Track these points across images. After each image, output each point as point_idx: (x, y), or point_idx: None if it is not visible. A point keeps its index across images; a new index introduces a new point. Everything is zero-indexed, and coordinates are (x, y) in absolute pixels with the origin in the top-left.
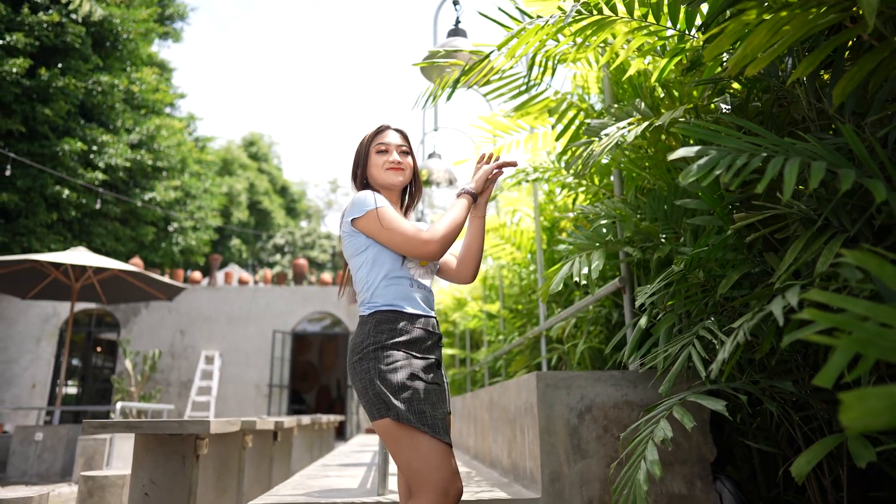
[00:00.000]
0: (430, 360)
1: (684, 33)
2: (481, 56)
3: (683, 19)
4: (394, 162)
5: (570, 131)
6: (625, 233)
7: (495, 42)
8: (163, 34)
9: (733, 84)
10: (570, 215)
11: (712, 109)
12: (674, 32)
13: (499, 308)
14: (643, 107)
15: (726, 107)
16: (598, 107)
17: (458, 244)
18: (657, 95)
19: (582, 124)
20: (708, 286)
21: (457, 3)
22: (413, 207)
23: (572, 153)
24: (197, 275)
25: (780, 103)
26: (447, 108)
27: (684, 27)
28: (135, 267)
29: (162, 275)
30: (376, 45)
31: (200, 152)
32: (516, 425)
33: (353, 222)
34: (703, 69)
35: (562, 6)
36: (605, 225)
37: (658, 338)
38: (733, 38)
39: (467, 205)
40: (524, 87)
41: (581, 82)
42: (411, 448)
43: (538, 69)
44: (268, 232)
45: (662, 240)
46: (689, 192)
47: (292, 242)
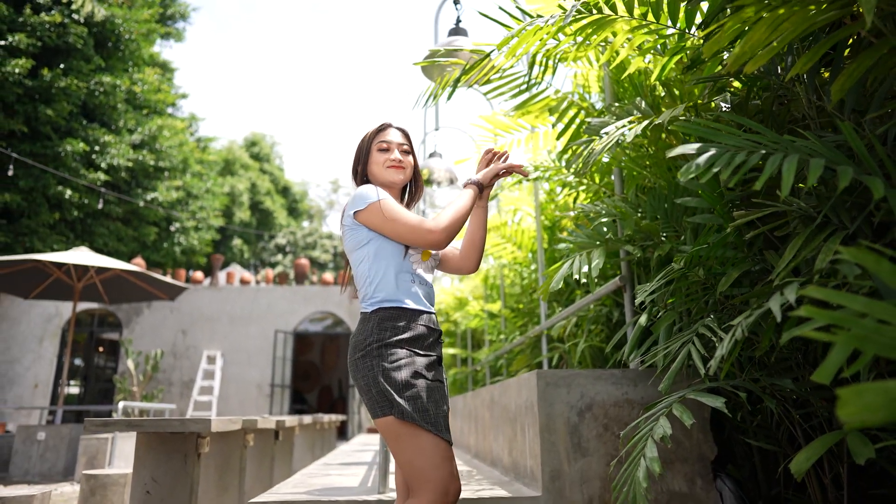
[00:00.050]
0: (432, 358)
1: (684, 32)
2: (482, 55)
3: (683, 18)
4: (395, 160)
5: (570, 130)
6: (625, 231)
7: (496, 41)
8: (164, 34)
9: (733, 82)
10: (571, 214)
11: (712, 108)
12: (674, 31)
13: (500, 307)
14: (644, 105)
15: (726, 105)
16: (598, 106)
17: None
18: (658, 94)
19: (583, 123)
20: (708, 284)
21: (457, 2)
22: (413, 206)
23: (573, 152)
24: (199, 275)
25: (780, 101)
26: (448, 107)
27: (684, 25)
28: (137, 267)
29: (164, 275)
30: (378, 44)
31: (202, 152)
32: (517, 424)
33: (355, 215)
34: (703, 67)
35: (562, 5)
36: (605, 223)
37: (658, 336)
38: (732, 35)
39: (473, 196)
40: (525, 85)
41: (582, 81)
42: (413, 446)
43: (539, 68)
44: (269, 232)
45: (663, 238)
46: (689, 191)
47: (294, 242)
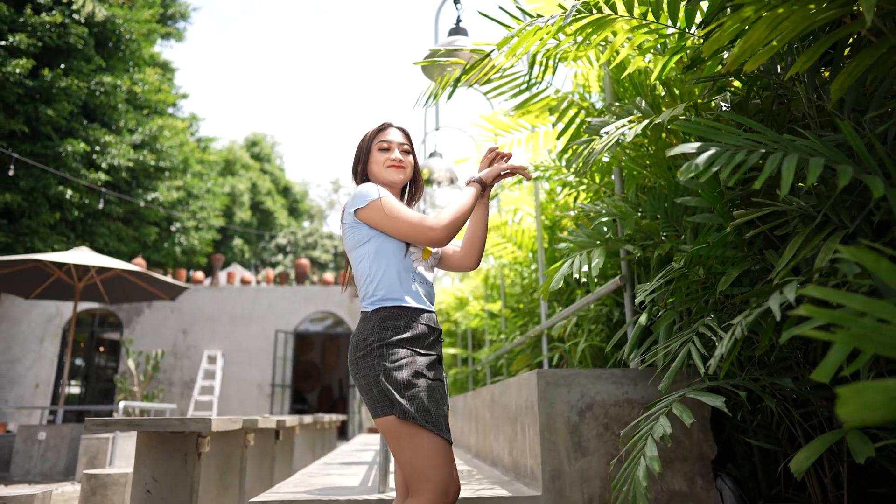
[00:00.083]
0: (433, 357)
1: (684, 31)
2: (482, 55)
3: (683, 17)
4: (395, 160)
5: (570, 130)
6: (625, 231)
7: (496, 40)
8: (165, 34)
9: (734, 82)
10: (571, 214)
11: (712, 107)
12: (674, 31)
13: (500, 307)
14: (644, 105)
15: (726, 104)
16: (598, 105)
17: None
18: (658, 93)
19: (583, 123)
20: (708, 283)
21: (458, 2)
22: (413, 206)
23: (573, 151)
24: (199, 275)
25: (780, 101)
26: (448, 107)
27: (684, 25)
28: (137, 267)
29: (164, 275)
30: (378, 44)
31: (203, 152)
32: (517, 423)
33: (356, 213)
34: (703, 67)
35: (562, 4)
36: (605, 223)
37: (658, 335)
38: (732, 35)
39: (475, 194)
40: (525, 85)
41: (582, 81)
42: (413, 446)
43: (539, 68)
44: (270, 232)
45: (663, 237)
46: (689, 190)
47: (294, 242)
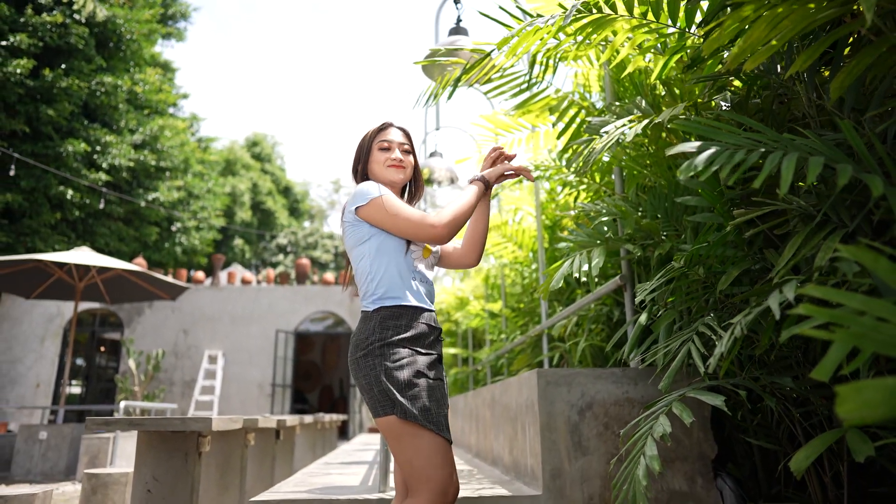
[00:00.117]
0: (433, 357)
1: (684, 31)
2: (482, 54)
3: (683, 17)
4: (395, 159)
5: (571, 129)
6: (626, 230)
7: (497, 40)
8: (165, 34)
9: (734, 81)
10: (572, 213)
11: (713, 107)
12: (674, 30)
13: (501, 307)
14: (644, 104)
15: (726, 104)
16: (599, 105)
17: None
18: (658, 93)
19: (583, 122)
20: (708, 283)
21: (458, 1)
22: (413, 206)
23: (573, 151)
24: (200, 274)
25: (781, 100)
26: (449, 106)
27: (684, 24)
28: (138, 267)
29: (165, 274)
30: (378, 44)
31: (203, 152)
32: (517, 423)
33: (356, 211)
34: (703, 66)
35: (562, 4)
36: (605, 222)
37: (658, 335)
38: (732, 34)
39: (478, 192)
40: (525, 85)
41: (582, 80)
42: (414, 446)
43: (539, 67)
44: (271, 232)
45: (663, 237)
46: (689, 190)
47: (295, 242)
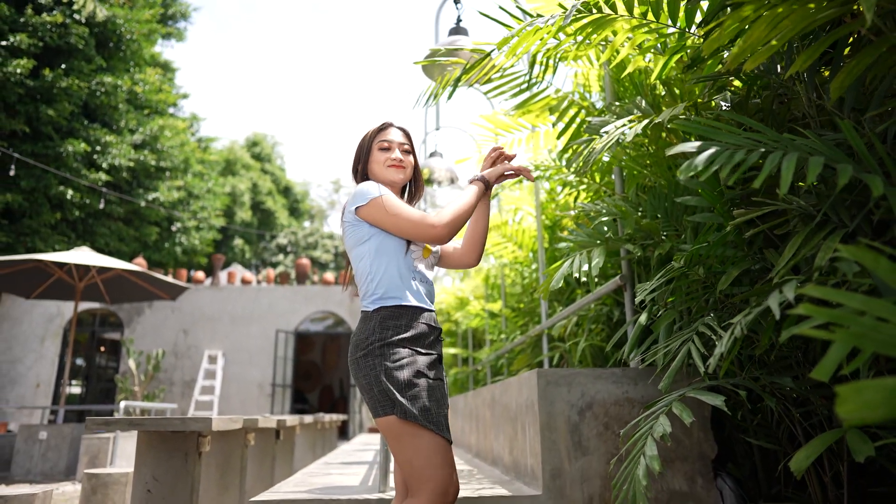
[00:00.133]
0: (433, 356)
1: (684, 31)
2: (482, 54)
3: (683, 17)
4: (395, 159)
5: (571, 129)
6: (626, 230)
7: (497, 40)
8: (165, 34)
9: (734, 81)
10: (572, 213)
11: (713, 107)
12: (674, 30)
13: (501, 307)
14: (644, 104)
15: (726, 104)
16: (599, 105)
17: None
18: (658, 93)
19: (583, 122)
20: (708, 283)
21: (458, 1)
22: (413, 206)
23: (573, 151)
24: (200, 274)
25: (781, 100)
26: (449, 106)
27: (684, 24)
28: (138, 267)
29: (165, 274)
30: (378, 44)
31: (203, 152)
32: (517, 423)
33: (356, 211)
34: (703, 66)
35: (562, 4)
36: (605, 222)
37: (658, 334)
38: (732, 34)
39: (478, 192)
40: (525, 85)
41: (582, 80)
42: (414, 446)
43: (539, 67)
44: (271, 232)
45: (663, 237)
46: (689, 190)
47: (295, 242)
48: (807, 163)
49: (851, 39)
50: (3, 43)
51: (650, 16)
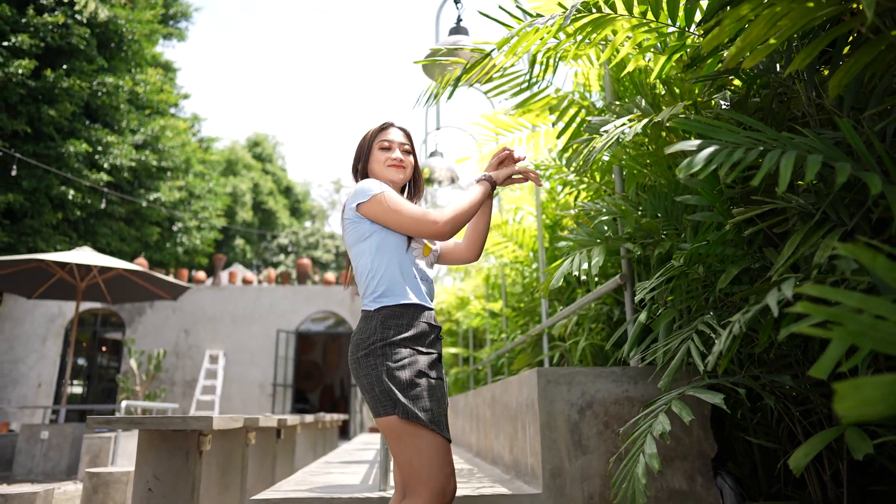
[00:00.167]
0: (434, 356)
1: (684, 30)
2: (483, 54)
3: (683, 16)
4: (396, 159)
5: (571, 129)
6: (626, 229)
7: (497, 39)
8: (167, 34)
9: (733, 81)
10: (572, 212)
11: (712, 106)
12: (674, 29)
13: (501, 306)
14: (644, 104)
15: (726, 103)
16: (599, 104)
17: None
18: (658, 92)
19: (583, 122)
20: (708, 282)
21: (458, 1)
22: None
23: (573, 150)
24: (201, 274)
25: (780, 99)
26: (449, 106)
27: (684, 24)
28: (139, 267)
29: (166, 274)
30: (379, 44)
31: (205, 153)
32: (518, 422)
33: (357, 207)
34: (703, 66)
35: (562, 3)
36: (605, 221)
37: (658, 333)
38: (731, 32)
39: (484, 192)
40: (525, 84)
41: (582, 80)
42: (415, 446)
43: (539, 67)
44: (272, 232)
45: (663, 236)
46: (689, 189)
47: (296, 242)
48: (805, 161)
49: (851, 38)
50: (5, 43)
51: (650, 15)
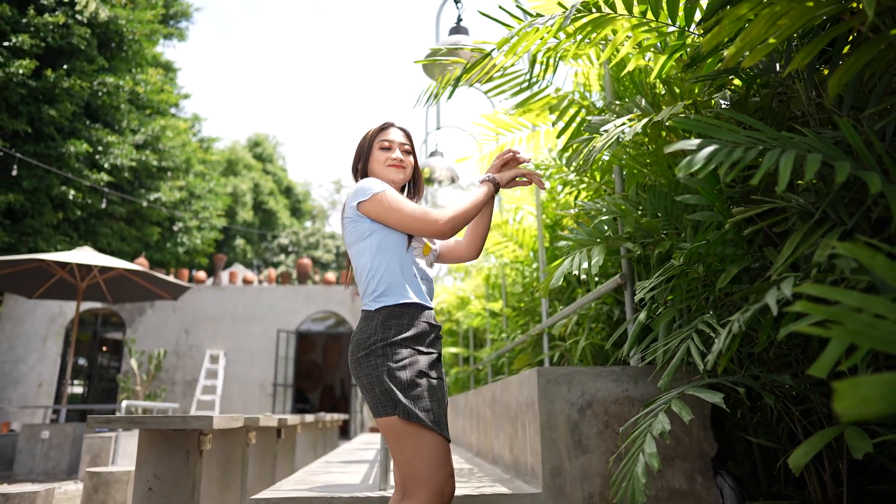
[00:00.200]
0: (434, 356)
1: (684, 29)
2: (483, 54)
3: (682, 16)
4: (396, 159)
5: (571, 128)
6: (626, 228)
7: (497, 39)
8: (167, 34)
9: (734, 80)
10: (572, 212)
11: (712, 105)
12: (674, 29)
13: (502, 306)
14: (644, 103)
15: (725, 102)
16: (599, 104)
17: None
18: (658, 92)
19: (583, 121)
20: (708, 281)
21: (459, 1)
22: None
23: (573, 150)
24: (202, 274)
25: (780, 98)
26: (450, 106)
27: (683, 23)
28: (140, 266)
29: (167, 274)
30: (380, 44)
31: (205, 153)
32: (518, 421)
33: (358, 206)
34: (703, 65)
35: (562, 3)
36: (605, 221)
37: (658, 332)
38: (732, 29)
39: (487, 193)
40: (526, 84)
41: (582, 80)
42: (414, 446)
43: (539, 67)
44: (272, 232)
45: (663, 235)
46: (689, 188)
47: (297, 242)
48: (805, 160)
49: (851, 37)
50: (6, 43)
51: (649, 14)
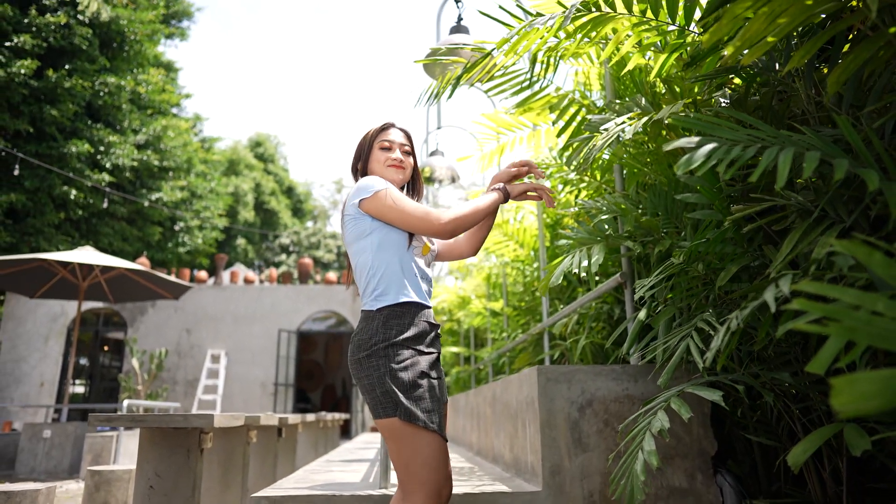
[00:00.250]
0: (434, 355)
1: (684, 28)
2: (483, 53)
3: (682, 15)
4: (395, 159)
5: (571, 127)
6: (626, 227)
7: (498, 38)
8: (168, 34)
9: (733, 79)
10: (572, 211)
11: (712, 104)
12: (674, 27)
13: (502, 306)
14: (644, 102)
15: (725, 101)
16: (599, 103)
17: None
18: (658, 91)
19: (583, 120)
20: (707, 279)
21: (459, 0)
22: None
23: (574, 149)
24: (203, 274)
25: (780, 97)
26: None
27: (683, 22)
28: (141, 266)
29: (168, 274)
30: (380, 44)
31: (206, 153)
32: (518, 420)
33: (360, 203)
34: (702, 64)
35: (562, 2)
36: (606, 220)
37: (658, 331)
38: (731, 27)
39: (495, 201)
40: (526, 83)
41: (583, 79)
42: (414, 448)
43: (540, 66)
44: (274, 232)
45: (663, 234)
46: (689, 187)
47: (298, 242)
48: (803, 158)
49: (850, 36)
50: (8, 44)
51: (649, 13)
